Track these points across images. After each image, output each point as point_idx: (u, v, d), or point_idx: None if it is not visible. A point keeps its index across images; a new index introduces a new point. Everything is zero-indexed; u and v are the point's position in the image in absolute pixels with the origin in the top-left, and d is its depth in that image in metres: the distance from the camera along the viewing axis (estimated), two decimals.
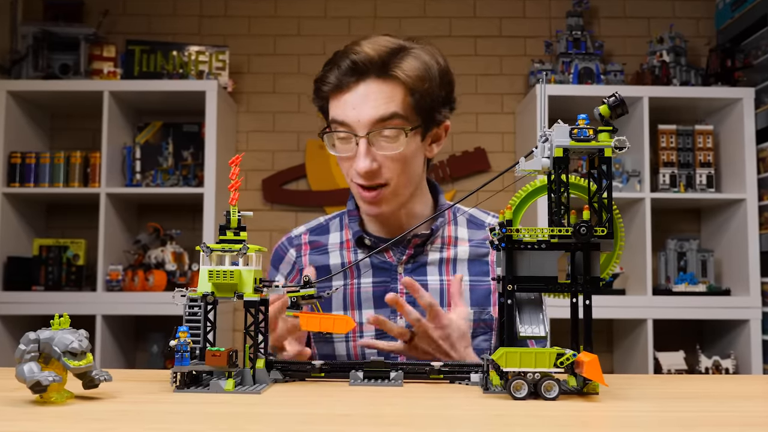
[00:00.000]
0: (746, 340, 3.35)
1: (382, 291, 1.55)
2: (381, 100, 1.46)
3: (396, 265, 1.58)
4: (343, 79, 1.47)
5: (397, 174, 1.49)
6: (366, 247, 1.60)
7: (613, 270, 1.09)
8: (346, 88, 1.48)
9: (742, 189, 3.44)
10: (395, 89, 1.47)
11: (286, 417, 0.92)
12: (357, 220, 1.63)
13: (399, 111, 1.46)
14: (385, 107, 1.45)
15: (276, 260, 1.69)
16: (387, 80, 1.47)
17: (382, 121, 1.46)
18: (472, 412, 0.94)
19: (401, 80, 1.46)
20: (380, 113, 1.45)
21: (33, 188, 3.47)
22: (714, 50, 3.66)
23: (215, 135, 3.44)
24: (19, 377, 0.93)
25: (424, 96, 1.48)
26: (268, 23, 3.96)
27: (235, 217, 1.11)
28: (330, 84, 1.50)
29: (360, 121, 1.46)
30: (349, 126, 1.47)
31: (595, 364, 0.99)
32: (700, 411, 0.98)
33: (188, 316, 1.08)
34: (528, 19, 3.99)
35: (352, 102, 1.47)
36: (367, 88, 1.46)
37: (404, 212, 1.59)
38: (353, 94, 1.47)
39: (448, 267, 1.58)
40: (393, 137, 1.47)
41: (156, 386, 1.10)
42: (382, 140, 1.47)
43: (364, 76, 1.46)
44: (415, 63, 1.48)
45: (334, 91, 1.50)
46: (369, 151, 1.46)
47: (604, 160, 1.04)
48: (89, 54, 3.57)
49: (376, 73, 1.46)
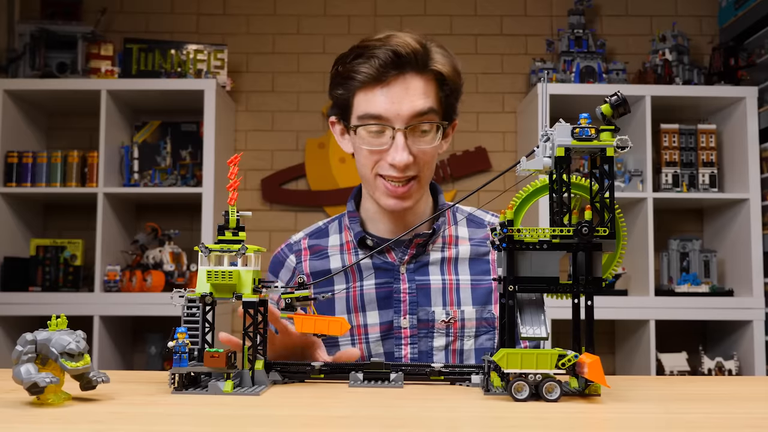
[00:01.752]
0: (749, 341, 3.34)
1: (386, 292, 1.55)
2: (420, 94, 1.47)
3: (398, 266, 1.57)
4: (383, 71, 1.46)
5: (427, 168, 1.52)
6: (368, 248, 1.59)
7: (615, 270, 1.09)
8: (384, 82, 1.47)
9: (745, 189, 3.43)
10: (430, 84, 1.49)
11: (286, 419, 0.92)
12: (358, 221, 1.62)
13: (434, 106, 1.49)
14: (423, 101, 1.47)
15: (275, 267, 1.68)
16: (424, 74, 1.49)
17: (420, 115, 1.47)
18: (473, 414, 0.94)
19: (441, 74, 1.49)
20: (419, 107, 1.47)
21: (30, 188, 3.46)
22: (717, 48, 3.65)
23: (214, 134, 3.42)
24: (16, 379, 0.93)
25: (453, 92, 1.53)
26: (267, 21, 3.95)
27: (234, 217, 1.11)
28: (365, 75, 1.47)
29: (400, 115, 1.46)
30: (387, 119, 1.47)
31: (597, 366, 0.98)
32: (703, 413, 0.98)
33: (186, 317, 1.08)
34: (529, 17, 3.97)
35: (391, 95, 1.46)
36: (407, 81, 1.47)
37: (411, 211, 1.59)
38: (393, 87, 1.47)
39: (450, 266, 1.58)
40: (427, 132, 1.50)
41: (154, 388, 1.10)
42: (417, 134, 1.49)
43: (404, 69, 1.47)
44: (448, 58, 1.52)
45: (370, 83, 1.48)
46: (406, 144, 1.47)
47: (606, 159, 1.04)
48: (87, 52, 3.57)
49: (415, 67, 1.47)
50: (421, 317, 1.54)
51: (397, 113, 1.46)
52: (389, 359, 1.52)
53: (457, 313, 1.53)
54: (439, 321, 1.53)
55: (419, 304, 1.54)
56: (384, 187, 1.52)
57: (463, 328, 1.53)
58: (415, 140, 1.49)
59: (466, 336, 1.53)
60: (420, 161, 1.50)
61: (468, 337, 1.53)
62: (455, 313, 1.53)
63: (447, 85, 1.51)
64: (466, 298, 1.55)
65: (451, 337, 1.53)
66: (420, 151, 1.49)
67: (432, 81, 1.49)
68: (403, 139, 1.47)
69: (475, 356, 1.53)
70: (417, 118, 1.47)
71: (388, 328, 1.54)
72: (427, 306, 1.54)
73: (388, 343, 1.54)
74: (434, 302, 1.54)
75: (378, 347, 1.54)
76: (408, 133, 1.48)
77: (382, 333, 1.53)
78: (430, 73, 1.49)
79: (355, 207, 1.66)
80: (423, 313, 1.54)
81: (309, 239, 1.68)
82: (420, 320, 1.54)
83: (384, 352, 1.53)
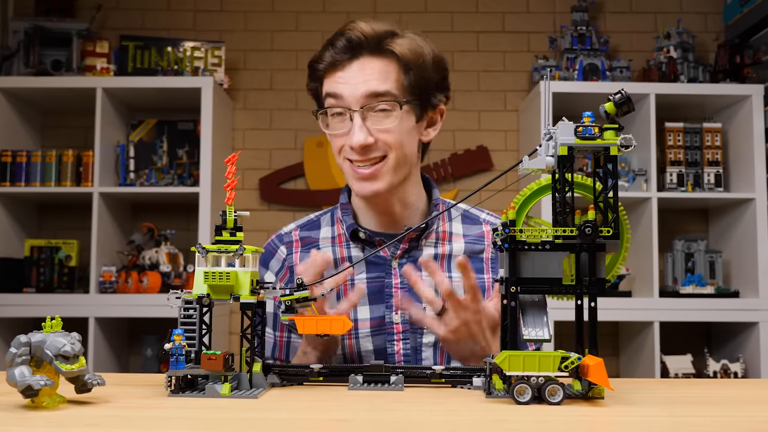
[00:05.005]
0: (755, 344, 3.32)
1: (377, 287, 1.55)
2: (375, 75, 1.48)
3: (390, 260, 1.57)
4: (338, 56, 1.49)
5: (396, 149, 1.50)
6: (360, 240, 1.59)
7: (619, 271, 1.09)
8: (341, 66, 1.49)
9: (751, 188, 3.41)
10: (389, 66, 1.49)
11: (284, 422, 0.92)
12: (350, 213, 1.62)
13: (393, 88, 1.48)
14: (378, 82, 1.47)
15: (266, 257, 1.67)
16: (381, 57, 1.49)
17: (376, 96, 1.47)
18: (474, 417, 0.94)
19: (396, 55, 1.48)
20: (374, 88, 1.47)
21: (24, 188, 3.43)
22: (722, 46, 3.64)
23: (211, 133, 3.40)
24: (10, 381, 0.93)
25: (418, 75, 1.50)
26: (265, 18, 3.92)
27: (232, 217, 1.11)
28: (325, 62, 1.51)
29: (354, 95, 1.47)
30: (343, 100, 1.48)
31: (600, 368, 0.98)
32: (708, 416, 0.98)
33: (183, 319, 1.08)
34: (532, 14, 3.95)
35: (346, 77, 1.49)
36: (361, 63, 1.49)
37: (397, 201, 1.58)
38: (348, 70, 1.49)
39: (443, 263, 1.58)
40: (387, 112, 1.48)
41: (150, 391, 1.10)
42: (376, 115, 1.48)
43: (359, 53, 1.48)
44: (409, 42, 1.51)
45: (329, 69, 1.51)
46: (363, 125, 1.47)
47: (609, 158, 1.04)
48: (82, 50, 3.55)
49: (370, 50, 1.49)
50: None
51: (351, 94, 1.47)
52: (381, 355, 1.52)
53: None
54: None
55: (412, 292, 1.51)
56: (352, 170, 1.52)
57: None
58: (374, 121, 1.48)
59: None
60: (384, 142, 1.49)
61: None
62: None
63: (410, 67, 1.49)
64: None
65: None
66: (380, 130, 1.48)
67: (393, 63, 1.49)
68: (360, 120, 1.47)
69: None
70: (373, 99, 1.47)
71: (379, 323, 1.53)
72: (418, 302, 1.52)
73: (379, 338, 1.53)
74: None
75: (368, 343, 1.52)
76: (366, 114, 1.48)
77: (372, 328, 1.53)
78: (389, 54, 1.49)
79: (347, 199, 1.65)
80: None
81: (300, 231, 1.68)
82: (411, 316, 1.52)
83: (375, 348, 1.52)
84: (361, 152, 1.48)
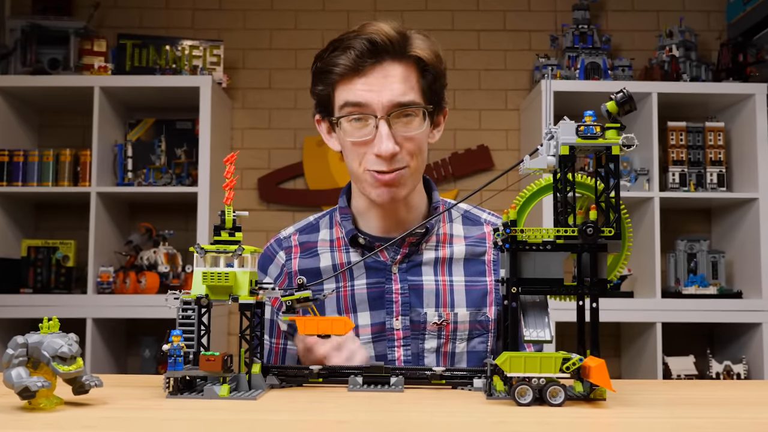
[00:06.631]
0: (759, 345, 3.30)
1: (377, 292, 1.53)
2: (400, 81, 1.44)
3: (390, 265, 1.54)
4: (360, 61, 1.43)
5: (416, 156, 1.48)
6: (360, 246, 1.56)
7: (621, 272, 1.09)
8: (362, 71, 1.44)
9: (754, 188, 3.40)
10: (410, 71, 1.46)
11: (283, 424, 0.92)
12: (350, 218, 1.59)
13: (417, 92, 1.46)
14: (404, 88, 1.44)
15: (264, 263, 1.65)
16: (404, 62, 1.46)
17: (402, 104, 1.44)
18: (475, 419, 0.94)
19: (421, 59, 1.46)
20: (400, 94, 1.43)
21: (21, 187, 3.41)
22: (725, 44, 3.63)
23: (209, 132, 3.38)
24: (7, 383, 0.93)
25: (436, 78, 1.49)
26: (264, 17, 3.90)
27: (230, 217, 1.11)
28: (343, 67, 1.44)
29: (380, 103, 1.43)
30: (367, 107, 1.43)
31: (602, 369, 0.98)
32: (710, 418, 0.98)
33: (181, 320, 1.08)
34: (533, 12, 3.93)
35: (371, 84, 1.44)
36: (385, 70, 1.44)
37: (403, 204, 1.56)
38: (371, 76, 1.44)
39: (444, 267, 1.55)
40: (411, 117, 1.46)
41: (148, 392, 1.10)
42: (400, 121, 1.45)
43: (382, 57, 1.44)
44: (428, 44, 1.49)
45: (348, 74, 1.45)
46: (390, 133, 1.43)
47: (611, 158, 1.04)
48: (79, 48, 3.52)
49: (393, 55, 1.45)
50: (413, 318, 1.51)
51: (377, 101, 1.42)
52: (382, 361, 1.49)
53: (450, 316, 1.51)
54: (430, 323, 1.50)
55: (411, 305, 1.51)
56: (372, 178, 1.47)
57: (456, 331, 1.51)
58: (399, 128, 1.45)
59: (458, 339, 1.51)
60: (407, 150, 1.46)
61: (460, 340, 1.51)
62: (448, 316, 1.51)
63: (428, 71, 1.47)
64: (459, 300, 1.52)
65: (442, 339, 1.51)
66: (406, 138, 1.45)
67: (413, 67, 1.46)
68: (387, 128, 1.43)
69: (467, 359, 1.52)
70: (399, 106, 1.43)
71: (380, 329, 1.51)
72: (419, 307, 1.51)
73: (380, 344, 1.51)
74: (426, 304, 1.51)
75: (369, 349, 1.50)
76: (392, 121, 1.44)
77: (373, 335, 1.51)
78: (410, 59, 1.46)
79: (346, 203, 1.62)
80: (415, 314, 1.51)
81: (300, 235, 1.65)
82: (412, 321, 1.51)
83: (376, 355, 1.50)
84: (389, 161, 1.44)
